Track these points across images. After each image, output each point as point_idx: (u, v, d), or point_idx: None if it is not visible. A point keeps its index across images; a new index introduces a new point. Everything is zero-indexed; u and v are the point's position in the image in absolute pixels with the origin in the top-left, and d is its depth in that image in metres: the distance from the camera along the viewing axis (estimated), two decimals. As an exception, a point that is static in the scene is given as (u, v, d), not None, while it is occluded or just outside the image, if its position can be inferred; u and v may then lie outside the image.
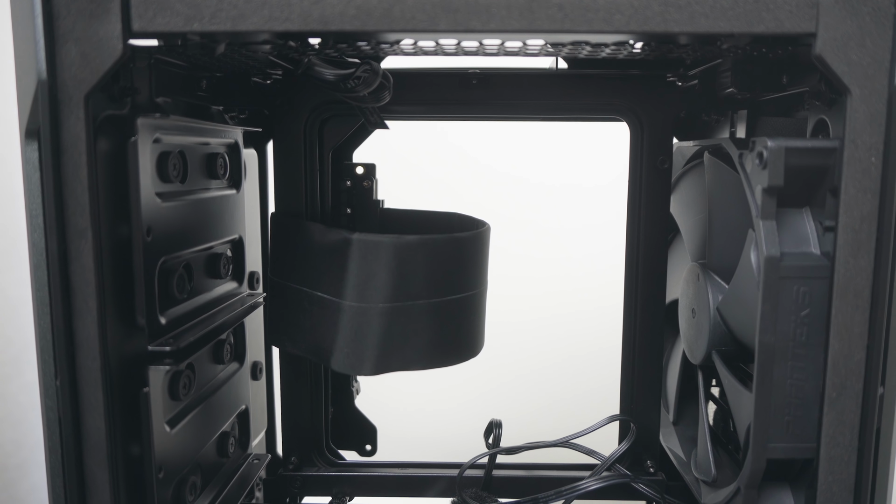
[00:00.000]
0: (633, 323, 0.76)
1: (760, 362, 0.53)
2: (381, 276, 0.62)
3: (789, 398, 0.53)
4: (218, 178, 0.67)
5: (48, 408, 0.52)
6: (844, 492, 0.52)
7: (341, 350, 0.64)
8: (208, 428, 0.65)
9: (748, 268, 0.57)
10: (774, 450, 0.54)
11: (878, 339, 0.50)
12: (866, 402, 0.51)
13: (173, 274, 0.58)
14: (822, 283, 0.52)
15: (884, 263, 0.49)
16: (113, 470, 0.52)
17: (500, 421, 0.75)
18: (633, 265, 0.75)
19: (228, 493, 0.68)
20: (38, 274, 0.51)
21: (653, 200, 0.74)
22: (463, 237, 0.66)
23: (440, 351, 0.66)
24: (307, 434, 0.78)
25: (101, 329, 0.50)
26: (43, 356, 0.52)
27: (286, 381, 0.79)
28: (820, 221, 0.53)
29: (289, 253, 0.69)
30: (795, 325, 0.52)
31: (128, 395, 0.53)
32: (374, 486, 0.78)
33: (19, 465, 1.18)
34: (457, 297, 0.66)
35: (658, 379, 0.77)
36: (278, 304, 0.70)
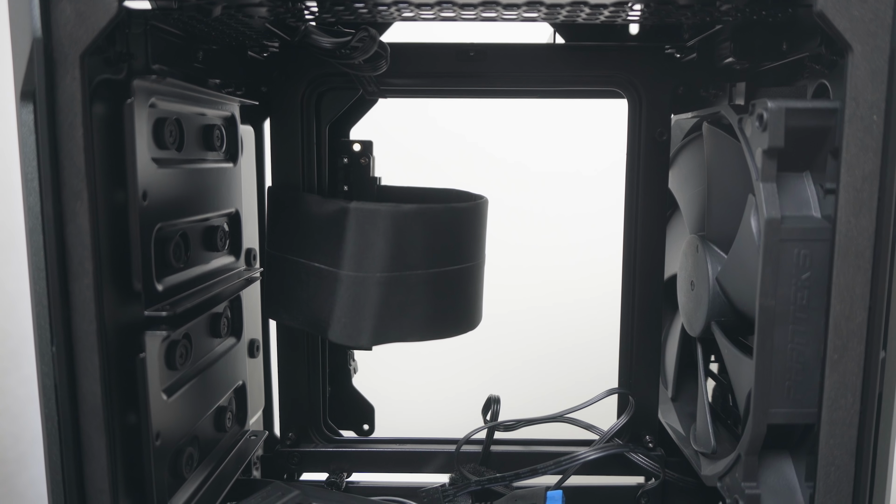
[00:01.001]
0: (631, 297, 0.75)
1: (761, 326, 0.53)
2: (378, 245, 0.62)
3: (790, 363, 0.53)
4: (214, 150, 0.67)
5: (44, 374, 0.52)
6: (845, 455, 0.51)
7: (339, 321, 0.64)
8: (205, 400, 0.65)
9: (748, 234, 0.57)
10: (775, 415, 0.54)
11: (879, 300, 0.50)
12: (868, 365, 0.51)
13: (170, 242, 0.58)
14: (823, 245, 0.51)
15: (886, 223, 0.49)
16: (110, 435, 0.51)
17: (497, 397, 0.75)
18: (632, 239, 0.75)
19: (225, 468, 0.67)
20: (34, 238, 0.50)
21: (651, 174, 0.73)
22: (461, 207, 0.65)
23: (438, 322, 0.66)
24: (304, 411, 0.78)
25: (97, 292, 0.50)
26: (39, 321, 0.51)
27: (283, 359, 0.78)
28: (821, 185, 0.53)
29: (285, 225, 0.69)
30: (796, 288, 0.52)
31: (124, 361, 0.53)
32: (371, 461, 0.77)
33: (18, 459, 1.17)
34: (455, 269, 0.65)
35: (656, 355, 0.77)
36: (275, 277, 0.70)
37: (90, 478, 0.51)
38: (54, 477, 0.52)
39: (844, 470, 0.51)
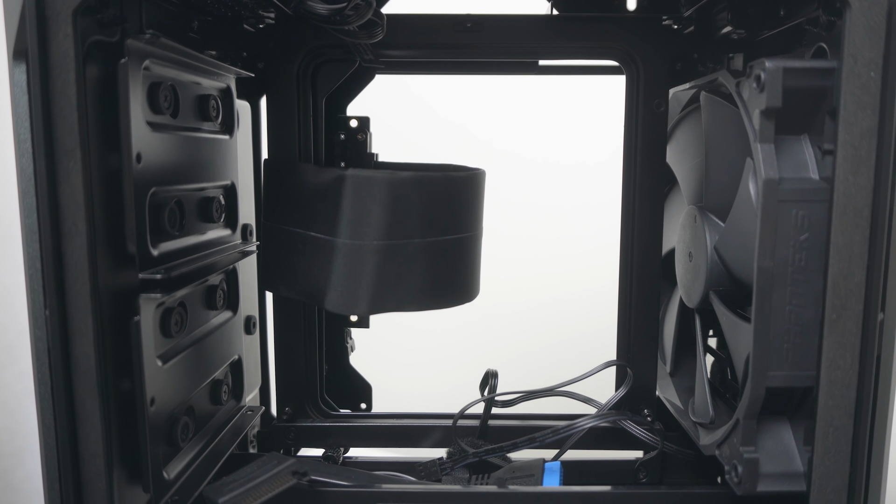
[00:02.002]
0: (629, 271, 0.75)
1: (759, 288, 0.52)
2: (375, 212, 0.62)
3: (788, 325, 0.53)
4: (210, 121, 0.67)
5: (37, 338, 0.51)
6: (844, 416, 0.51)
7: (335, 289, 0.64)
8: (200, 371, 0.64)
9: (746, 199, 0.57)
10: (774, 378, 0.53)
11: (877, 259, 0.49)
12: (866, 326, 0.50)
13: (164, 208, 0.57)
14: (822, 206, 0.51)
15: (884, 181, 0.49)
16: (103, 399, 0.51)
17: (495, 371, 0.74)
18: (630, 211, 0.74)
19: (221, 441, 0.67)
20: (27, 200, 0.50)
21: (649, 146, 0.73)
22: (458, 176, 0.65)
23: (435, 292, 0.66)
24: (301, 387, 0.77)
25: (90, 252, 0.49)
26: (32, 285, 0.51)
27: (280, 336, 0.78)
28: (818, 147, 0.53)
29: (282, 196, 0.68)
30: (794, 249, 0.52)
31: (119, 326, 0.53)
32: (368, 437, 0.77)
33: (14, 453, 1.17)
34: (452, 238, 0.65)
35: (654, 330, 0.76)
36: (272, 249, 0.70)
37: (84, 441, 0.51)
38: (48, 442, 0.52)
39: (843, 431, 0.51)
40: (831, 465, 0.51)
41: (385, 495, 0.60)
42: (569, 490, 0.61)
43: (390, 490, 0.61)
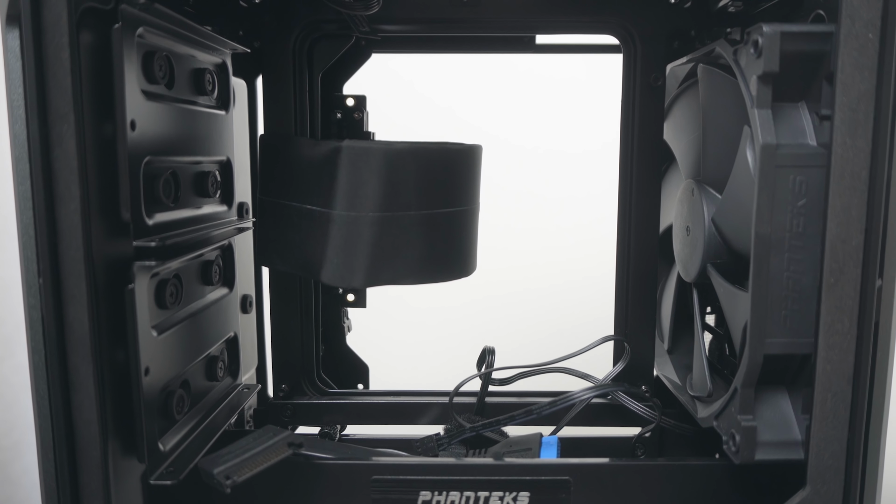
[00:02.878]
0: (626, 247, 0.75)
1: (756, 254, 0.52)
2: (371, 183, 0.61)
3: (786, 291, 0.53)
4: (206, 95, 0.66)
5: (31, 307, 0.51)
6: (842, 382, 0.51)
7: (331, 261, 0.63)
8: (196, 345, 0.64)
9: (744, 167, 0.56)
10: (772, 345, 0.53)
11: (875, 223, 0.49)
12: (864, 291, 0.50)
13: (159, 178, 0.57)
14: (819, 171, 0.51)
15: (882, 144, 0.48)
16: (97, 365, 0.50)
17: (492, 348, 0.74)
18: (627, 186, 0.74)
19: (217, 417, 0.67)
20: (20, 167, 0.50)
21: (646, 122, 0.73)
22: (454, 148, 0.65)
23: (432, 265, 0.65)
24: (297, 365, 0.77)
25: (84, 218, 0.49)
26: (25, 252, 0.51)
27: (277, 315, 0.77)
28: (816, 113, 0.53)
29: (278, 170, 0.68)
30: (792, 215, 0.52)
31: (113, 295, 0.52)
32: (365, 414, 0.77)
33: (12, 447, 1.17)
34: (448, 211, 0.65)
35: (652, 308, 0.76)
36: (268, 223, 0.69)
37: (77, 408, 0.51)
38: (41, 411, 0.51)
39: (841, 397, 0.51)
40: (829, 431, 0.51)
41: (380, 468, 0.60)
42: (565, 462, 0.60)
43: (385, 463, 0.61)
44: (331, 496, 0.60)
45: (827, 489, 0.52)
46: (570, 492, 0.60)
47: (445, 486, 0.60)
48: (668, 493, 0.60)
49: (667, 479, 0.60)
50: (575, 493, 0.60)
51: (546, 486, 0.60)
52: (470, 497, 0.60)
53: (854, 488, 0.51)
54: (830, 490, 0.52)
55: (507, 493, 0.60)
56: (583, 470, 0.60)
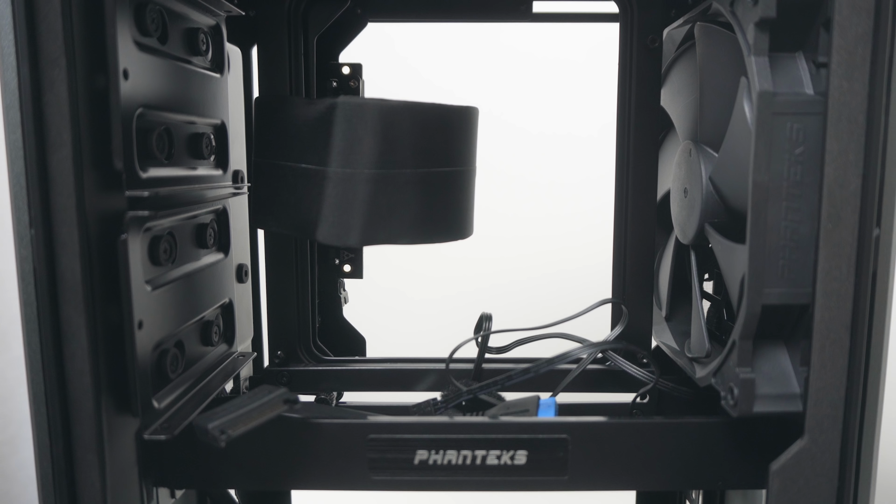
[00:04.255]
0: (624, 210, 0.74)
1: (754, 203, 0.52)
2: (366, 140, 0.61)
3: (784, 241, 0.52)
4: (200, 55, 0.66)
5: (22, 258, 0.51)
6: (840, 329, 0.50)
7: (326, 220, 0.63)
8: (191, 307, 0.64)
9: (741, 119, 0.56)
10: (770, 295, 0.53)
11: (872, 167, 0.49)
12: (862, 238, 0.50)
13: (152, 132, 0.57)
14: (817, 119, 0.51)
15: (879, 87, 0.48)
16: (90, 315, 0.50)
17: (489, 314, 0.73)
18: (624, 151, 0.74)
19: (212, 381, 0.66)
20: (11, 115, 0.49)
21: (643, 85, 0.72)
22: (449, 107, 0.65)
23: (428, 225, 0.65)
24: (293, 333, 0.77)
25: (76, 165, 0.49)
26: (17, 203, 0.51)
27: (272, 281, 0.77)
28: (813, 61, 0.52)
29: (273, 131, 0.68)
30: (789, 164, 0.51)
31: (106, 250, 0.52)
32: (362, 380, 0.76)
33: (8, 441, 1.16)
34: (445, 171, 0.64)
35: (650, 274, 0.76)
36: (263, 185, 0.69)
37: (70, 359, 0.50)
38: (33, 364, 0.51)
39: (839, 345, 0.51)
40: (828, 380, 0.51)
41: (376, 427, 0.60)
42: (562, 421, 0.60)
43: (381, 422, 0.60)
44: (327, 456, 0.60)
45: (825, 438, 0.51)
46: (567, 450, 0.59)
47: (442, 445, 0.59)
48: (666, 451, 0.59)
49: (665, 437, 0.59)
50: (572, 451, 0.59)
51: (543, 444, 0.60)
52: (467, 456, 0.60)
53: (852, 437, 0.51)
54: (828, 439, 0.51)
55: (504, 451, 0.60)
56: (580, 428, 0.59)
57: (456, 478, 0.60)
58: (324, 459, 0.60)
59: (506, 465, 0.60)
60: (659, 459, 0.60)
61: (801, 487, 0.52)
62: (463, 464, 0.60)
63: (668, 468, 0.60)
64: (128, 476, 0.55)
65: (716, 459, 0.60)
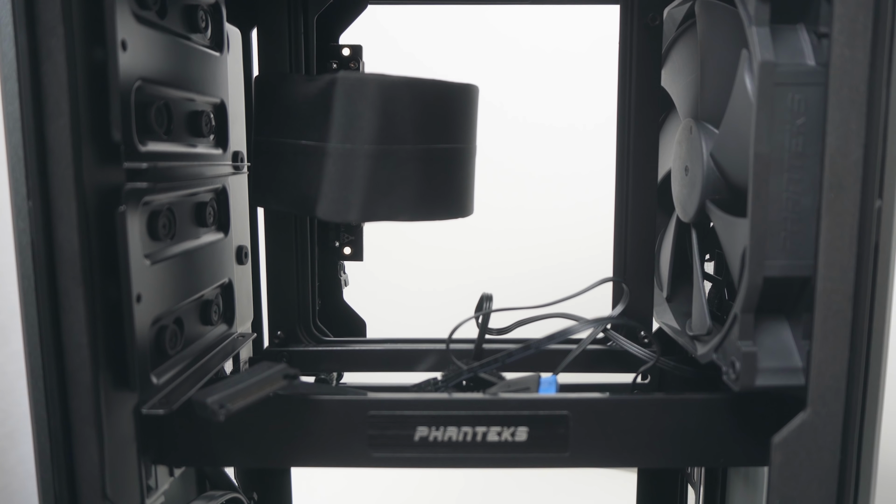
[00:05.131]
0: (625, 189, 0.74)
1: (756, 174, 0.51)
2: (366, 115, 0.61)
3: (785, 212, 0.52)
4: (199, 33, 0.66)
5: (20, 231, 0.51)
6: (843, 300, 0.50)
7: (326, 196, 0.63)
8: (190, 284, 0.63)
9: (742, 92, 0.56)
10: (771, 267, 0.52)
11: (874, 136, 0.49)
12: (864, 208, 0.50)
13: (151, 105, 0.56)
14: (818, 90, 0.50)
15: (880, 55, 0.48)
16: (88, 286, 0.50)
17: (490, 294, 0.73)
18: (625, 132, 0.74)
19: (211, 360, 0.66)
20: (9, 85, 0.49)
21: (643, 65, 0.72)
22: (449, 84, 0.64)
23: (428, 202, 0.65)
24: (294, 313, 0.76)
25: (74, 135, 0.49)
26: (14, 175, 0.50)
27: (272, 262, 0.77)
28: (814, 32, 0.52)
29: (273, 109, 0.67)
30: (791, 134, 0.51)
31: (105, 226, 0.52)
32: (362, 361, 0.76)
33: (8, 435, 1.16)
34: (445, 147, 0.64)
35: (650, 255, 0.75)
36: (262, 162, 0.69)
37: (67, 331, 0.50)
38: (31, 338, 0.51)
39: (842, 316, 0.50)
40: (830, 352, 0.50)
41: (377, 403, 0.59)
42: (563, 397, 0.60)
43: (382, 399, 0.60)
44: (327, 432, 0.60)
45: (827, 410, 0.51)
46: (568, 427, 0.59)
47: (443, 422, 0.59)
48: (668, 428, 0.59)
49: (666, 413, 0.59)
50: (574, 428, 0.59)
51: (544, 421, 0.59)
52: (468, 432, 0.59)
53: (855, 409, 0.51)
54: (831, 411, 0.51)
55: (504, 428, 0.59)
56: (581, 405, 0.59)
57: (456, 454, 0.60)
58: (324, 436, 0.60)
59: (506, 442, 0.60)
60: (660, 436, 0.59)
61: (804, 460, 0.52)
62: (463, 440, 0.59)
63: (669, 445, 0.59)
64: (126, 452, 0.55)
65: (717, 436, 0.59)
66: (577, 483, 1.36)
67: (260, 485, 0.83)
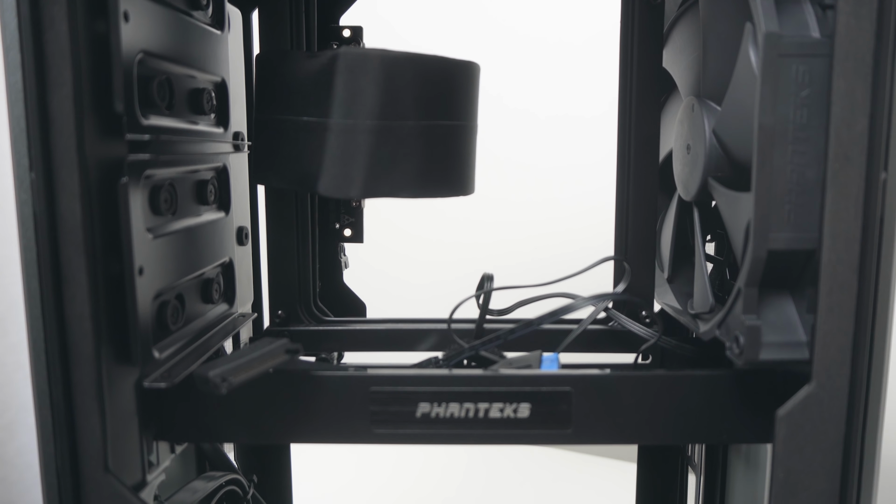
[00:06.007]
0: (626, 169, 0.74)
1: (760, 146, 0.51)
2: (368, 90, 0.61)
3: (790, 185, 0.52)
4: (200, 10, 0.65)
5: (22, 202, 0.50)
6: (847, 272, 0.50)
7: (328, 172, 0.62)
8: (191, 260, 0.63)
9: (745, 66, 0.56)
10: (776, 240, 0.52)
11: (880, 107, 0.48)
12: (870, 180, 0.49)
13: (153, 79, 0.56)
14: (823, 61, 0.50)
15: (886, 25, 0.48)
16: (90, 257, 0.50)
17: (491, 275, 0.73)
18: (626, 111, 0.73)
19: (212, 338, 0.66)
20: (11, 55, 0.49)
21: (645, 45, 0.72)
22: (452, 60, 0.64)
23: (430, 179, 0.64)
24: (294, 294, 0.76)
25: (76, 104, 0.48)
26: (16, 146, 0.50)
27: (273, 242, 0.77)
28: (819, 3, 0.52)
29: (275, 86, 0.67)
30: (795, 106, 0.51)
31: (107, 199, 0.51)
32: (363, 341, 0.76)
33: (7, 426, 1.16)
34: (446, 124, 0.64)
35: (652, 233, 0.75)
36: (264, 141, 0.68)
37: (70, 302, 0.50)
38: (33, 311, 0.51)
39: (847, 287, 0.50)
40: (835, 324, 0.50)
41: (379, 379, 0.59)
42: (566, 373, 0.59)
43: (384, 374, 0.60)
44: (329, 408, 0.59)
45: (832, 383, 0.51)
46: (571, 403, 0.59)
47: (445, 398, 0.59)
48: (670, 404, 0.59)
49: (668, 389, 0.59)
50: (576, 403, 0.59)
51: (546, 397, 0.59)
52: (469, 408, 0.59)
53: (860, 382, 0.51)
54: (836, 384, 0.51)
55: (507, 404, 0.59)
56: (584, 381, 0.59)
57: (458, 431, 0.59)
58: (326, 412, 0.59)
59: (508, 419, 0.59)
60: (663, 412, 0.59)
61: (808, 433, 0.51)
62: (465, 417, 0.59)
63: (671, 421, 0.59)
64: (127, 427, 0.55)
65: (720, 413, 0.59)
66: (578, 472, 1.36)
67: (260, 467, 0.83)
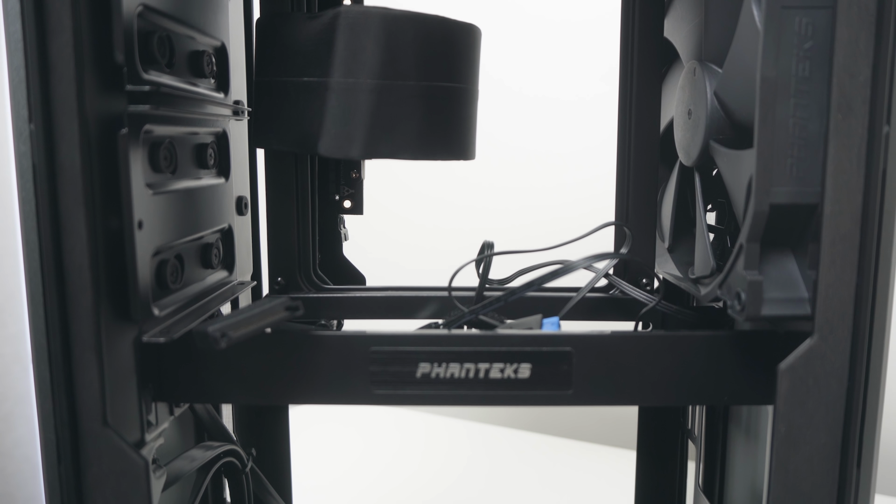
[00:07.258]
0: (627, 136, 0.74)
1: (762, 99, 0.51)
2: (369, 49, 0.60)
3: (792, 138, 0.51)
4: (200, -27, 0.65)
5: (21, 154, 0.50)
6: (850, 224, 0.50)
7: (328, 132, 0.62)
8: (190, 222, 0.63)
9: (748, 21, 0.55)
10: (778, 193, 0.52)
11: (883, 57, 0.48)
12: (872, 132, 0.49)
13: (153, 34, 0.56)
14: (826, 13, 0.50)
15: (890, -27, 0.47)
16: (89, 207, 0.49)
17: (491, 242, 0.73)
18: (628, 78, 0.73)
19: (210, 301, 0.65)
20: (10, 4, 0.49)
21: (646, 12, 0.72)
22: (453, 22, 0.64)
23: (430, 140, 0.64)
24: (293, 260, 0.76)
25: (76, 51, 0.48)
26: (16, 98, 0.50)
27: (273, 210, 0.76)
28: (823, -43, 0.52)
29: (276, 48, 0.67)
30: (798, 58, 0.51)
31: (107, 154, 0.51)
32: (364, 308, 0.76)
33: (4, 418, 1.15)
34: (447, 86, 0.64)
35: (653, 201, 0.75)
36: (264, 103, 0.68)
37: (69, 253, 0.50)
38: (31, 263, 0.50)
39: (849, 239, 0.50)
40: (837, 276, 0.50)
41: (379, 339, 0.59)
42: (566, 334, 0.59)
43: (384, 334, 0.59)
44: (328, 369, 0.59)
45: (834, 336, 0.51)
46: (571, 363, 0.59)
47: (445, 358, 0.59)
48: (671, 366, 0.59)
49: (670, 350, 0.59)
50: (577, 364, 0.59)
51: (547, 357, 0.59)
52: (470, 369, 0.59)
53: (862, 335, 0.50)
54: (838, 337, 0.51)
55: (507, 364, 0.59)
56: (585, 341, 0.59)
57: (458, 391, 0.59)
58: (325, 373, 0.59)
59: (509, 379, 0.59)
60: (663, 374, 0.59)
61: (811, 387, 0.51)
62: (466, 377, 0.59)
63: (672, 383, 0.59)
64: (126, 384, 0.55)
65: (721, 374, 0.59)
66: (578, 458, 1.36)
67: (258, 439, 0.82)
